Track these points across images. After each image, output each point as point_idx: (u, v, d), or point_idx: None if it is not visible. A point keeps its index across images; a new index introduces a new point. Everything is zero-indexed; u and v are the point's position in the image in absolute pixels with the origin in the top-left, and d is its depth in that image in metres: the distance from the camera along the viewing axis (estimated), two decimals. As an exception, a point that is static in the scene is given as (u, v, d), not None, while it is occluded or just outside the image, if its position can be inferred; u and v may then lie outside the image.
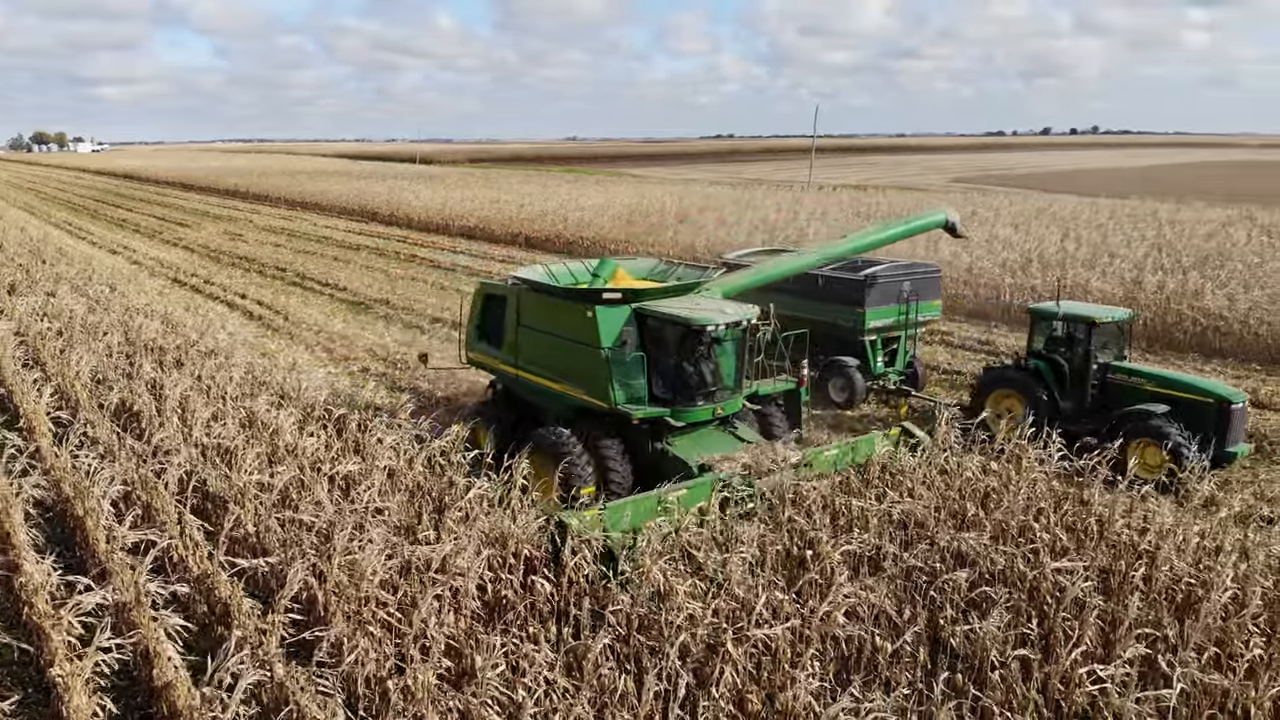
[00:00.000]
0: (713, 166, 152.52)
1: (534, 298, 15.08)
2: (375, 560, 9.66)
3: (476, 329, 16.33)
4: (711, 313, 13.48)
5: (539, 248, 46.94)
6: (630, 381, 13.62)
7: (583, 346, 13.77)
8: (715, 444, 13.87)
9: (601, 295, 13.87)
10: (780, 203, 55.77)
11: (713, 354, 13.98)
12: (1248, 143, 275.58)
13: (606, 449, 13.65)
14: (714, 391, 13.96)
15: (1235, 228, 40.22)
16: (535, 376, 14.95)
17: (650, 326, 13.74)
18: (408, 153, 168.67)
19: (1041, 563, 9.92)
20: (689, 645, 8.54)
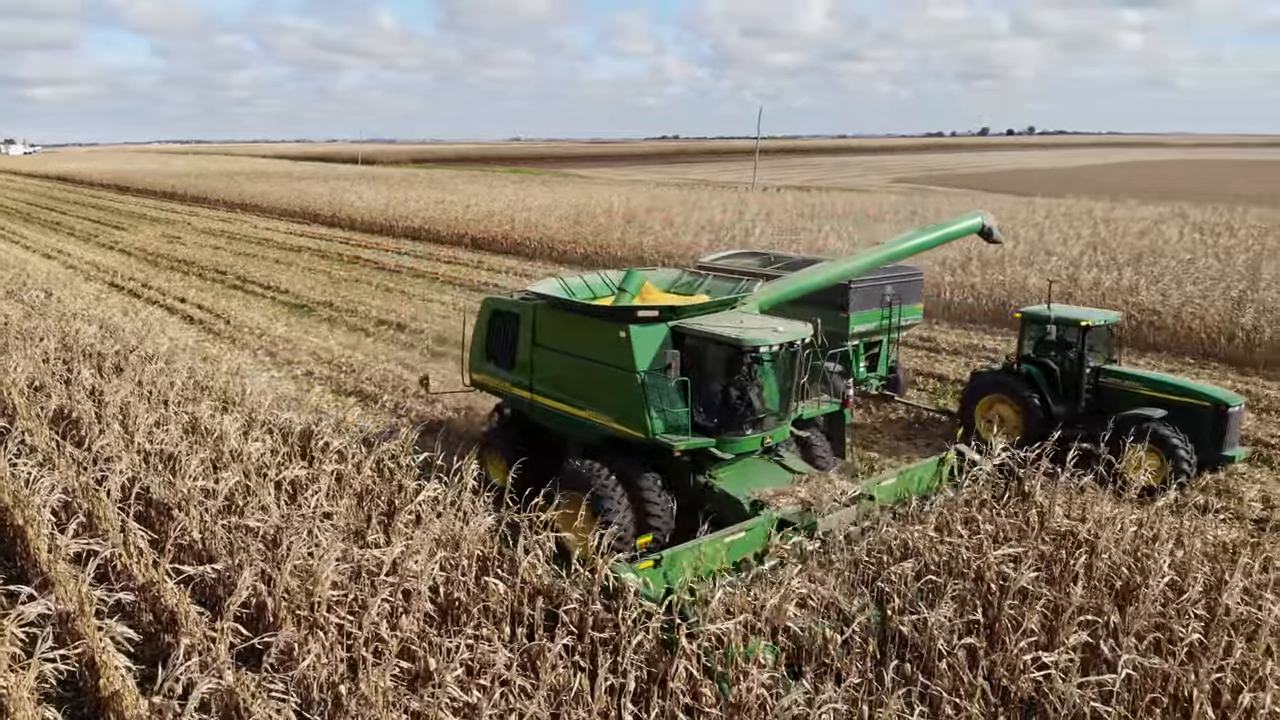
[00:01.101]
0: (658, 167, 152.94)
1: (552, 315, 13.63)
2: (325, 564, 9.59)
3: (483, 349, 14.93)
4: (762, 332, 12.02)
5: (485, 248, 46.75)
6: (669, 409, 12.12)
7: (613, 370, 12.36)
8: (763, 476, 12.53)
9: (636, 313, 12.39)
10: (726, 203, 56.18)
11: (762, 377, 12.50)
12: (1180, 142, 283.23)
13: (644, 485, 12.16)
14: (762, 419, 12.49)
15: (1167, 225, 41.38)
16: (555, 402, 13.54)
17: (691, 347, 12.22)
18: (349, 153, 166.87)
19: (985, 553, 10.13)
20: (644, 642, 8.60)
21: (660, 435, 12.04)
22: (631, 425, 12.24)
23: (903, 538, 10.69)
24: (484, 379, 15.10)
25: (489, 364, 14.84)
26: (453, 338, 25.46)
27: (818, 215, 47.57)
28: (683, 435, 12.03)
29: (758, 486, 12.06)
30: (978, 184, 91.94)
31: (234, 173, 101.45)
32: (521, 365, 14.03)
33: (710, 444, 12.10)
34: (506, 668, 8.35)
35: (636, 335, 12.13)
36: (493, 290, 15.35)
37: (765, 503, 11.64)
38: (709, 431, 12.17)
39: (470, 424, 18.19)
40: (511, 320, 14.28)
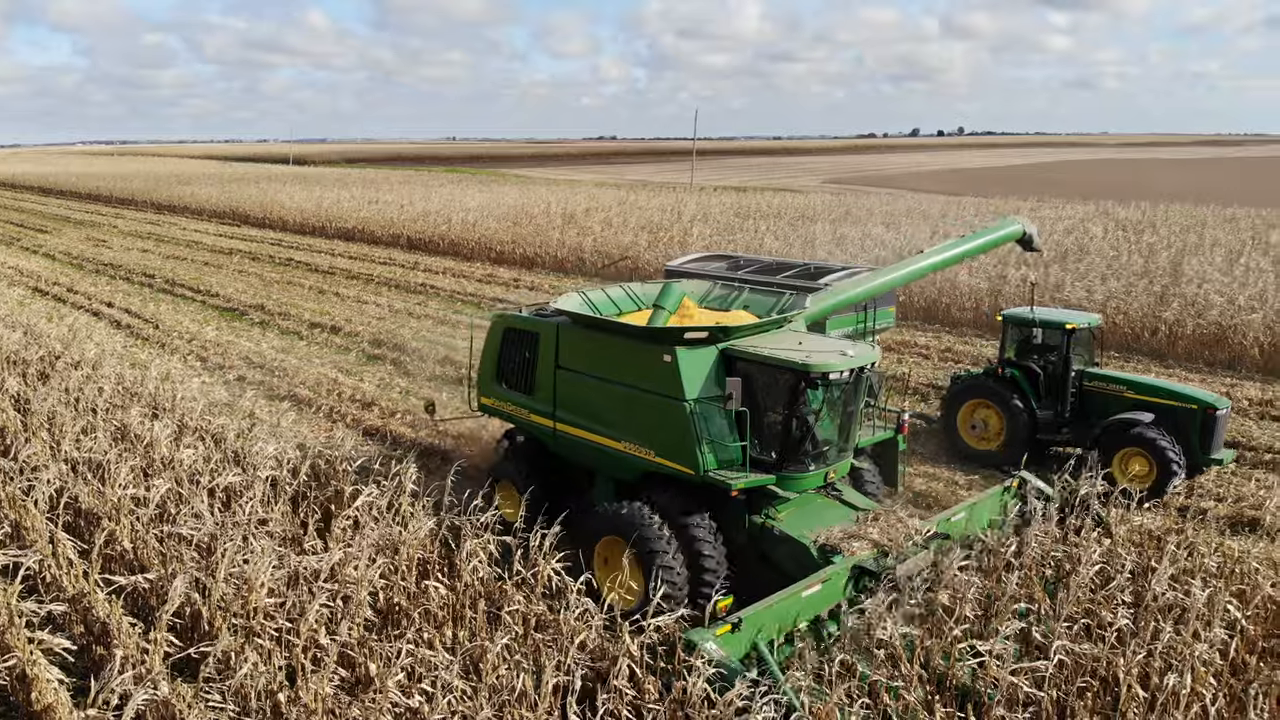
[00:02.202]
0: (596, 168, 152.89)
1: (579, 335, 12.22)
2: (261, 572, 9.47)
3: (493, 371, 13.49)
4: (829, 355, 10.67)
5: (422, 249, 46.34)
6: (722, 442, 10.80)
7: (655, 398, 11.01)
8: (824, 514, 11.22)
9: (683, 334, 11.02)
10: (665, 204, 56.40)
11: (829, 405, 11.09)
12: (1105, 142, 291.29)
13: (695, 529, 10.74)
14: (825, 451, 11.19)
15: (1093, 223, 42.48)
16: (582, 431, 12.11)
17: (746, 373, 10.91)
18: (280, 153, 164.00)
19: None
20: (587, 641, 8.65)
21: (713, 472, 10.66)
22: (678, 460, 10.85)
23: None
24: (495, 404, 13.62)
25: (500, 387, 13.39)
26: (388, 341, 25.27)
27: (753, 215, 47.99)
28: (739, 471, 10.66)
29: (821, 527, 10.79)
30: (909, 184, 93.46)
31: (162, 174, 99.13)
32: (541, 390, 12.65)
33: (770, 481, 10.79)
34: (448, 670, 8.33)
35: (684, 359, 10.78)
36: (504, 306, 14.24)
37: (835, 547, 10.37)
38: (768, 467, 10.87)
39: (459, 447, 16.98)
40: (528, 340, 12.87)
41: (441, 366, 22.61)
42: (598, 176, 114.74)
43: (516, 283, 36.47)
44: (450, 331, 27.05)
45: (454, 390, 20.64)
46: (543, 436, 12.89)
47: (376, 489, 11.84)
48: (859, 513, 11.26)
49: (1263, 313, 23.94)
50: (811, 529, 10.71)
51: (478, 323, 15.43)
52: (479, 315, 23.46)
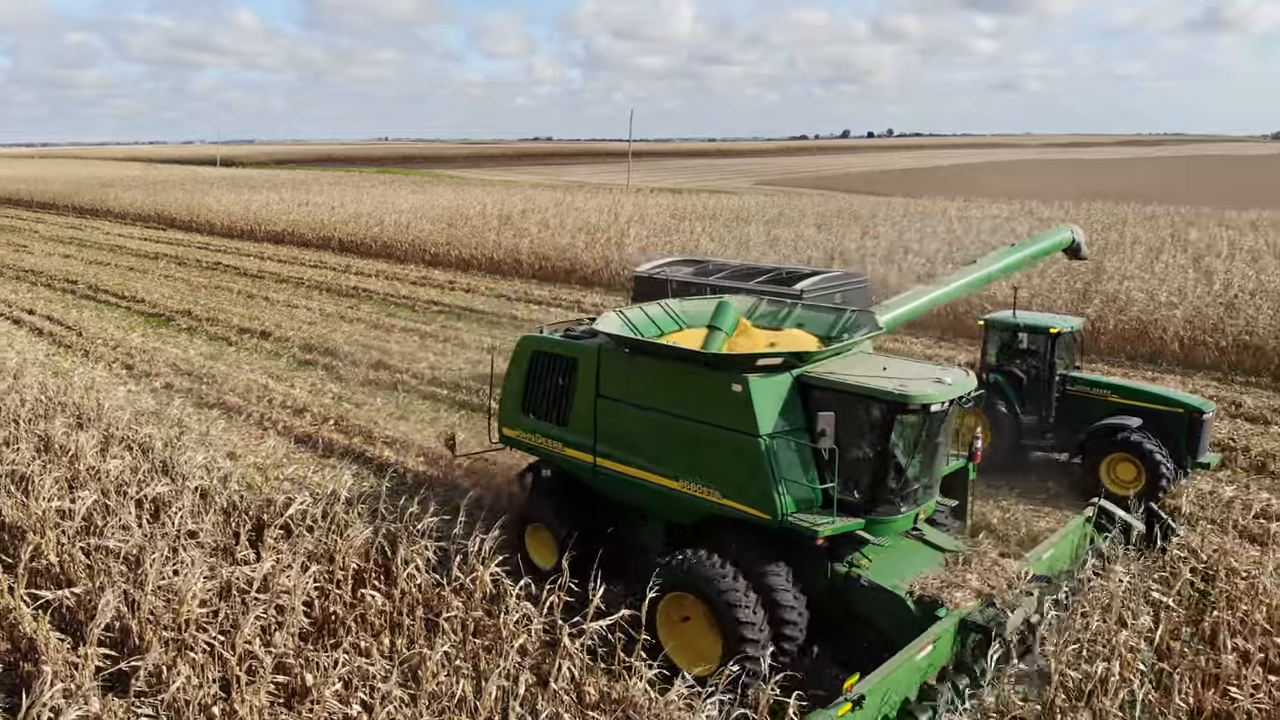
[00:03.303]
0: (532, 169, 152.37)
1: (625, 360, 10.94)
2: (191, 583, 9.33)
3: (519, 399, 12.18)
4: (925, 383, 9.54)
5: (354, 252, 45.78)
6: (800, 481, 9.63)
7: (722, 432, 9.83)
8: (909, 558, 10.10)
9: (755, 361, 9.88)
10: (601, 205, 56.47)
11: (923, 440, 9.88)
12: (1029, 142, 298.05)
13: (774, 581, 9.53)
14: (915, 490, 10.02)
15: (1017, 222, 43.52)
16: (629, 468, 10.83)
17: (825, 403, 9.64)
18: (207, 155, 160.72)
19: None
20: (526, 645, 8.67)
21: (793, 516, 9.49)
22: (751, 503, 9.67)
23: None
24: (521, 436, 12.26)
25: (528, 418, 12.07)
26: (320, 345, 24.93)
27: (689, 217, 48.28)
28: (824, 516, 9.46)
29: (911, 574, 9.70)
30: (841, 185, 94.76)
31: (84, 177, 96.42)
32: (579, 421, 11.37)
33: (859, 525, 9.62)
34: (386, 679, 8.29)
35: (756, 389, 9.59)
36: (533, 327, 12.93)
37: (937, 598, 9.25)
38: (853, 509, 9.68)
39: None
40: (563, 365, 11.63)
41: (375, 371, 22.38)
42: (534, 177, 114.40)
43: (452, 285, 36.21)
44: (384, 335, 26.80)
45: (388, 396, 20.48)
46: (580, 473, 11.55)
47: (310, 496, 11.72)
48: (946, 554, 10.21)
49: (1182, 308, 24.74)
50: (902, 577, 9.59)
51: (503, 347, 14.45)
52: (502, 337, 23.23)
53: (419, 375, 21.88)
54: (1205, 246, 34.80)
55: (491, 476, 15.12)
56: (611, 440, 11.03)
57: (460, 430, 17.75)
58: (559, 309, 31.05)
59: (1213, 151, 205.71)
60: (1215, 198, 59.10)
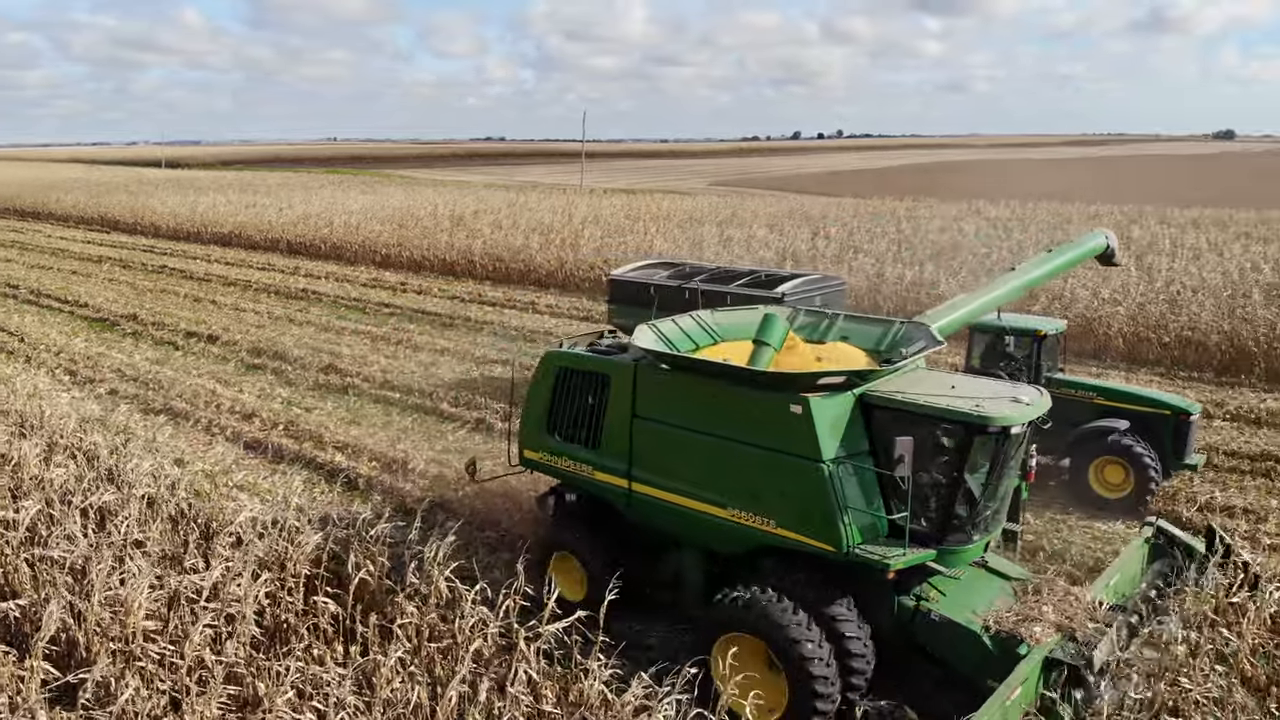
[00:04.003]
0: (484, 169, 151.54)
1: (666, 378, 10.19)
2: (139, 593, 9.16)
3: (543, 419, 11.34)
4: (1003, 403, 8.91)
5: (303, 254, 45.24)
6: (866, 510, 8.98)
7: (779, 457, 9.13)
8: (977, 588, 9.51)
9: (816, 380, 9.14)
10: (555, 206, 56.35)
11: (998, 464, 9.11)
12: (976, 143, 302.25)
13: (839, 617, 8.83)
14: (987, 517, 9.37)
15: (965, 222, 44.14)
16: (670, 494, 10.06)
17: (889, 425, 9.02)
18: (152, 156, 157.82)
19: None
20: (483, 649, 8.64)
21: (860, 548, 8.81)
22: (812, 534, 9.00)
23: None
24: (544, 458, 11.41)
25: (553, 439, 11.24)
26: (269, 349, 24.59)
27: (643, 217, 48.35)
28: (893, 547, 8.78)
29: (980, 605, 9.09)
30: (792, 186, 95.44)
31: (25, 179, 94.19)
32: (612, 443, 10.60)
33: (930, 556, 8.96)
34: (339, 687, 8.21)
35: (819, 410, 8.89)
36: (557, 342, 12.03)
37: (1016, 634, 8.61)
38: (923, 538, 8.99)
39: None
40: (593, 383, 10.82)
41: (325, 375, 22.13)
42: (486, 178, 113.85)
43: (403, 286, 35.92)
44: (334, 338, 26.52)
45: (339, 400, 20.27)
46: (612, 499, 10.77)
47: (260, 503, 11.57)
48: (1014, 583, 9.63)
49: (1125, 305, 25.26)
50: (973, 610, 8.99)
51: (524, 361, 13.62)
52: (522, 351, 22.82)
53: (370, 379, 21.69)
54: (1148, 245, 35.54)
55: (447, 482, 15.05)
56: (649, 464, 10.26)
57: (415, 433, 17.68)
58: (513, 310, 30.96)
59: (1155, 151, 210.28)
60: (1157, 197, 60.40)
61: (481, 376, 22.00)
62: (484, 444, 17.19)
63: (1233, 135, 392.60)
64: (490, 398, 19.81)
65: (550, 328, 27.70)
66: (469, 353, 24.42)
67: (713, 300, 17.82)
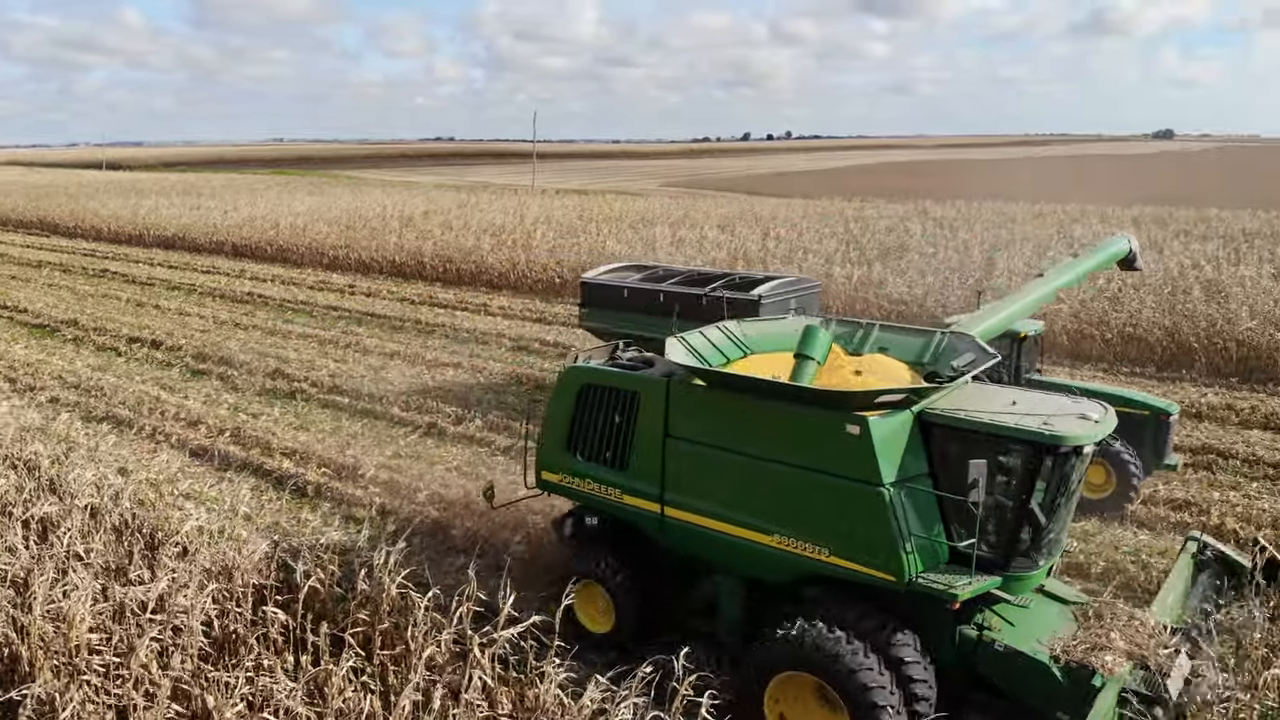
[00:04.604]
0: (434, 169, 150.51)
1: (703, 395, 9.59)
2: (82, 606, 8.97)
3: (563, 438, 10.65)
4: (1071, 421, 8.44)
5: (248, 256, 44.59)
6: (928, 536, 8.46)
7: (833, 480, 8.58)
8: (1036, 615, 9.05)
9: (874, 398, 8.53)
10: (507, 206, 56.13)
11: (1066, 484, 8.62)
12: (921, 144, 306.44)
13: (903, 652, 8.30)
14: (1051, 540, 8.82)
15: (911, 222, 44.67)
16: (708, 520, 9.45)
17: (950, 445, 8.57)
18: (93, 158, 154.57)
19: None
20: (436, 657, 8.57)
21: (922, 577, 8.29)
22: (870, 562, 8.46)
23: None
24: (563, 480, 10.71)
25: (575, 459, 10.55)
26: (214, 354, 24.18)
27: (596, 218, 48.33)
28: (957, 575, 8.25)
29: (1043, 633, 8.60)
30: (742, 187, 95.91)
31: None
32: (642, 465, 9.95)
33: (995, 584, 8.42)
34: (290, 697, 8.10)
35: (879, 431, 8.33)
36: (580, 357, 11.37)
37: (1087, 664, 8.03)
38: (987, 565, 8.44)
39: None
40: (620, 400, 10.16)
41: (272, 380, 21.82)
42: (436, 178, 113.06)
43: (352, 289, 35.55)
44: (281, 343, 26.16)
45: (286, 405, 20.00)
46: (642, 524, 10.13)
47: (206, 512, 11.38)
48: (1072, 607, 9.23)
49: (1069, 302, 25.71)
50: (1037, 638, 8.48)
51: (542, 376, 13.17)
52: (541, 365, 22.45)
53: (319, 383, 21.42)
54: (1090, 243, 36.18)
55: (398, 488, 14.92)
56: (684, 487, 9.64)
57: (365, 438, 17.49)
58: (465, 312, 30.76)
59: (1096, 151, 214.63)
60: (1099, 196, 61.58)
61: (433, 380, 21.84)
62: (435, 448, 17.09)
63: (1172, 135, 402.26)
64: (442, 401, 19.67)
65: (503, 330, 27.57)
66: (420, 356, 24.22)
67: (682, 300, 17.95)
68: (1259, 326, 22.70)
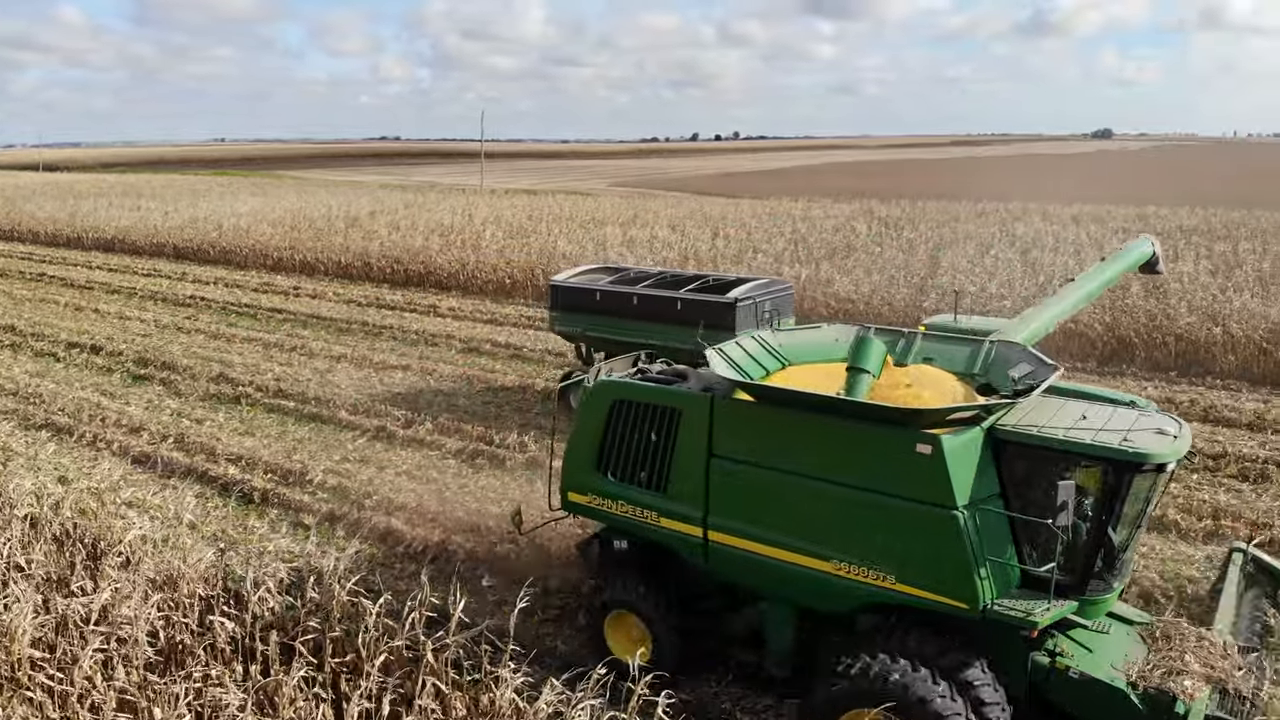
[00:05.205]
0: (379, 169, 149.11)
1: (752, 412, 9.02)
2: (23, 619, 8.76)
3: (592, 457, 10.01)
4: (1149, 436, 8.03)
5: (190, 259, 43.81)
6: (1002, 560, 8.00)
7: (901, 503, 8.11)
8: (1105, 638, 8.62)
9: (946, 415, 8.07)
10: (455, 206, 55.77)
11: (1146, 503, 8.31)
12: (867, 144, 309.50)
13: (978, 685, 7.87)
14: (1125, 560, 8.53)
15: (858, 221, 45.18)
16: (758, 545, 8.91)
17: (1023, 463, 8.16)
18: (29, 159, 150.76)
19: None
20: (389, 663, 8.50)
21: (998, 604, 7.84)
22: (945, 590, 7.99)
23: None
24: (592, 502, 10.08)
25: (605, 480, 9.92)
26: (156, 359, 23.73)
27: (546, 218, 48.21)
28: (1033, 600, 7.82)
29: (1115, 657, 8.24)
30: (691, 187, 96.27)
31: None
32: (683, 486, 9.37)
33: (1072, 609, 8.01)
34: (240, 709, 7.99)
35: (952, 450, 7.84)
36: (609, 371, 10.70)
37: (1167, 690, 7.69)
38: (1063, 589, 7.98)
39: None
40: (658, 417, 9.54)
41: (216, 384, 21.46)
42: (382, 178, 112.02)
43: (297, 291, 35.07)
44: (225, 346, 25.74)
45: (231, 410, 19.69)
46: (682, 549, 9.52)
47: (149, 520, 11.18)
48: (1138, 628, 8.83)
49: (1011, 299, 26.15)
50: (1110, 663, 8.13)
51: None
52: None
53: (264, 388, 21.10)
54: (1031, 240, 36.83)
55: (346, 493, 14.78)
56: (731, 510, 9.07)
57: (312, 443, 17.28)
58: (414, 314, 30.51)
59: (1037, 150, 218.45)
60: (1040, 194, 62.74)
61: (381, 383, 21.64)
62: (385, 452, 16.93)
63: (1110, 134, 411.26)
64: (391, 404, 19.49)
65: (453, 331, 27.38)
66: (367, 358, 23.97)
67: (655, 303, 17.84)
68: (1197, 321, 23.29)
